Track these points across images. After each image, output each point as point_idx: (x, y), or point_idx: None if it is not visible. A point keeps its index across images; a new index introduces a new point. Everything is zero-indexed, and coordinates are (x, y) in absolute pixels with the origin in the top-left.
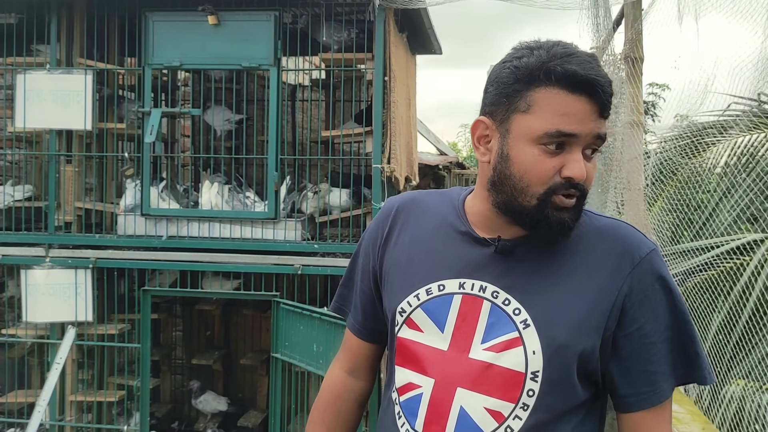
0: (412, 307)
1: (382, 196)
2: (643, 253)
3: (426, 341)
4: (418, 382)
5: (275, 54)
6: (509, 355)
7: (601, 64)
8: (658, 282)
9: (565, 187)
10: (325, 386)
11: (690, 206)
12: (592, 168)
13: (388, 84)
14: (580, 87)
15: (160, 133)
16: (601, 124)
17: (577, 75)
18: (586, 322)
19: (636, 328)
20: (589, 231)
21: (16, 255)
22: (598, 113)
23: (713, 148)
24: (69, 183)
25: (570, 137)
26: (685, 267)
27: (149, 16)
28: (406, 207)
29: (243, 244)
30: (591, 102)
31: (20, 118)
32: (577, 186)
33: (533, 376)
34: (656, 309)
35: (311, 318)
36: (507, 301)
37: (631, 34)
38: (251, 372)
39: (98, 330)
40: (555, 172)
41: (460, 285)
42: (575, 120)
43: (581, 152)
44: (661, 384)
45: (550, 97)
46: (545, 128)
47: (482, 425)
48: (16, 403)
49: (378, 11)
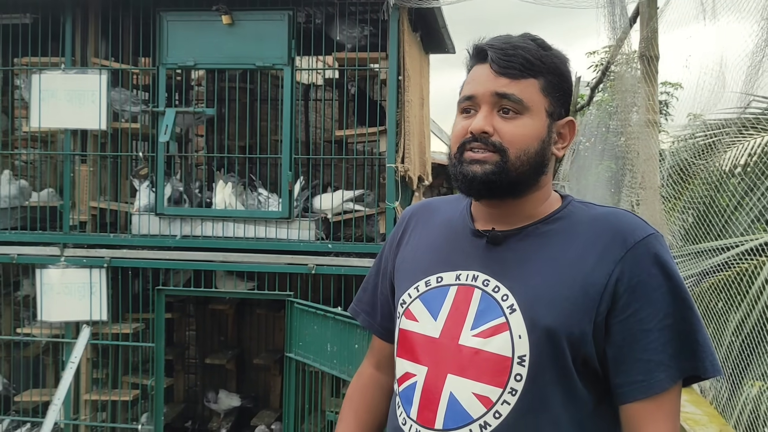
0: (412, 298)
1: (395, 196)
2: (639, 237)
3: (420, 330)
4: (413, 371)
5: (289, 53)
6: (496, 340)
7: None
8: (655, 267)
9: (469, 141)
10: (354, 379)
11: (710, 208)
12: (510, 127)
13: (402, 83)
14: (479, 55)
15: (174, 132)
16: (500, 83)
17: (476, 48)
18: (572, 306)
19: (630, 313)
20: (583, 219)
21: (31, 254)
22: (495, 73)
23: (733, 149)
24: (84, 182)
25: (472, 99)
26: (702, 268)
27: (163, 15)
28: (418, 212)
29: (257, 244)
30: (487, 65)
31: (35, 117)
32: (481, 139)
33: (520, 361)
34: (652, 295)
35: (325, 318)
36: (497, 288)
37: (647, 33)
38: (264, 372)
39: (112, 329)
40: (465, 132)
41: (457, 276)
42: (474, 83)
43: (492, 112)
44: (656, 374)
45: (470, 73)
46: (460, 97)
47: (470, 411)
48: (31, 402)
49: (392, 10)
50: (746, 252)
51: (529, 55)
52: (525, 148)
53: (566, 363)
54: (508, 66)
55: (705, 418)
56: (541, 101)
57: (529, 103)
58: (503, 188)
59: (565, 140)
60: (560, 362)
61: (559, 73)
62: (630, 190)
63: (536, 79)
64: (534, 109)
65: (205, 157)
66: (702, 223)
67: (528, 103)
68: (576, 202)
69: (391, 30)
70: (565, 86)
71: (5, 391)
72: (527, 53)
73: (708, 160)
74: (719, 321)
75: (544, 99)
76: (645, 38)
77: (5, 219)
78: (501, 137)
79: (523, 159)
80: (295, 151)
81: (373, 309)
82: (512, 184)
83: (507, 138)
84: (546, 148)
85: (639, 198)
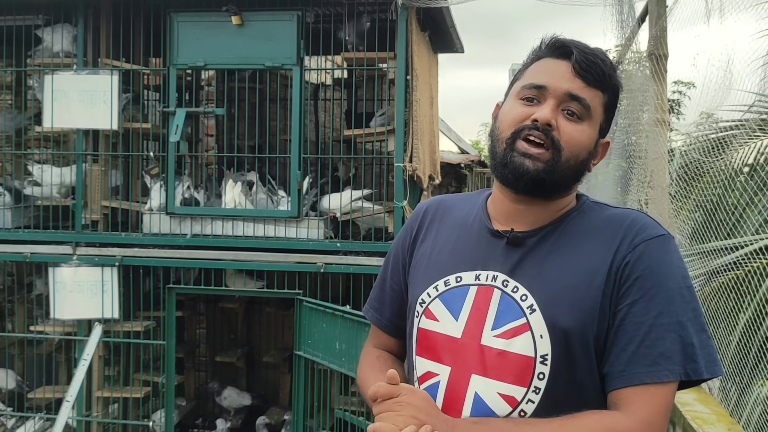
0: (431, 297)
1: (404, 195)
2: (648, 236)
3: (441, 330)
4: (436, 370)
5: (298, 53)
6: (519, 340)
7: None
8: (659, 266)
9: (529, 128)
10: (362, 357)
11: (719, 207)
12: (572, 129)
13: (410, 82)
14: (559, 51)
15: (184, 132)
16: (576, 84)
17: (558, 42)
18: (590, 304)
19: (626, 304)
20: (598, 220)
21: (44, 253)
22: (574, 73)
23: (742, 149)
24: (96, 182)
25: (541, 89)
26: (711, 267)
27: (174, 16)
28: (434, 208)
29: (266, 243)
30: (568, 63)
31: (48, 117)
32: (543, 130)
33: (543, 360)
34: (650, 291)
35: (334, 316)
36: (516, 289)
37: (656, 31)
38: (273, 369)
39: (124, 327)
40: (524, 118)
41: (476, 276)
42: (548, 75)
43: (557, 109)
44: (638, 366)
45: (538, 63)
46: (523, 83)
47: (496, 410)
48: (44, 398)
49: (401, 10)
50: (755, 252)
51: (606, 68)
52: (577, 152)
53: (587, 360)
54: (588, 71)
55: (713, 417)
56: (600, 115)
57: (593, 112)
58: (548, 187)
59: (597, 157)
60: (581, 359)
61: (617, 95)
62: (638, 188)
63: (603, 93)
64: (594, 119)
65: (215, 157)
66: (710, 223)
67: (593, 112)
68: (590, 201)
69: (399, 29)
70: (615, 108)
71: (18, 388)
72: (605, 66)
73: (717, 158)
74: (728, 321)
75: (602, 114)
76: (654, 37)
77: (18, 218)
78: (561, 135)
79: (571, 163)
80: (304, 151)
81: (381, 305)
82: (556, 184)
83: (566, 138)
84: (589, 159)
85: (648, 197)
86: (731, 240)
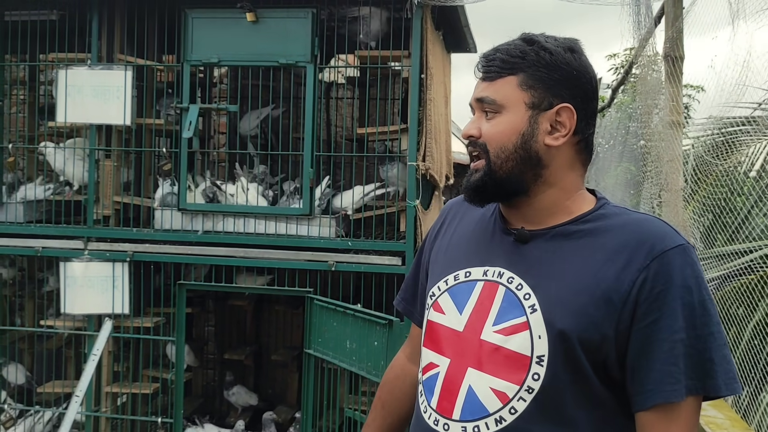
0: (441, 291)
1: (416, 194)
2: (667, 246)
3: (446, 322)
4: (437, 361)
5: (312, 51)
6: (516, 338)
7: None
8: (678, 278)
9: (467, 146)
10: (389, 368)
11: (725, 209)
12: (487, 127)
13: (424, 81)
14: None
15: (197, 129)
16: (480, 88)
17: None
18: (594, 311)
19: (648, 322)
20: (614, 224)
21: (55, 247)
22: (480, 80)
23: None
24: (108, 177)
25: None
26: (721, 272)
27: (188, 13)
28: (455, 206)
29: (277, 240)
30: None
31: (61, 112)
32: (471, 143)
33: (539, 360)
34: (672, 305)
35: (344, 314)
36: (520, 286)
37: (672, 33)
38: (282, 368)
39: (134, 323)
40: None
41: (484, 272)
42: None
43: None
44: (665, 385)
45: None
46: None
47: (487, 404)
48: (53, 393)
49: (416, 8)
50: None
51: (507, 54)
52: (502, 144)
53: (584, 367)
54: (486, 71)
55: (727, 422)
56: (520, 96)
57: (503, 101)
58: (493, 190)
59: (565, 127)
60: (578, 365)
61: (544, 64)
62: (651, 192)
63: (515, 75)
64: (510, 105)
65: (227, 154)
66: (717, 225)
67: (502, 102)
68: (611, 206)
69: (414, 28)
70: (556, 75)
71: (28, 383)
72: (505, 53)
73: (725, 159)
74: (739, 325)
75: (523, 93)
76: (670, 38)
77: (30, 212)
78: (483, 138)
79: (502, 155)
80: (316, 149)
81: (413, 297)
82: (501, 183)
83: (485, 138)
84: (529, 141)
85: (661, 200)
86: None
